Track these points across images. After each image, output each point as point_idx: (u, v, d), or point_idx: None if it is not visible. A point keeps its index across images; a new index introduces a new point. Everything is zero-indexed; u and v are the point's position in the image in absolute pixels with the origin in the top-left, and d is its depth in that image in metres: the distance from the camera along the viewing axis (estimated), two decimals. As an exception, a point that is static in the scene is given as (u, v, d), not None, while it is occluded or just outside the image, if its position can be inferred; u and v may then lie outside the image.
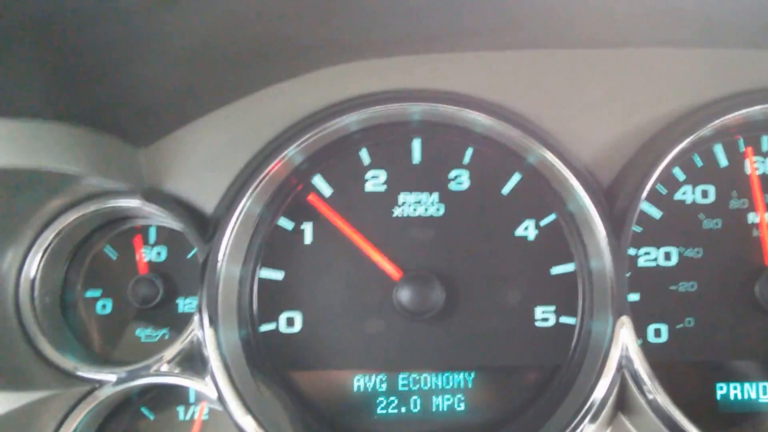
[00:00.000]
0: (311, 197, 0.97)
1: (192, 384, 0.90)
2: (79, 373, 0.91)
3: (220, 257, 0.92)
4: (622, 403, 0.93)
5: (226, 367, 0.90)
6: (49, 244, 0.93)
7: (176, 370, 0.90)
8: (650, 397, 0.88)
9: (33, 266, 0.93)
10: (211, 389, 0.90)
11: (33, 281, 0.93)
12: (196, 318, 0.91)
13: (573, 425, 0.88)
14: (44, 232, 0.93)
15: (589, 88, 0.96)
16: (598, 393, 0.89)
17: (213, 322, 0.90)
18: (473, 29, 0.91)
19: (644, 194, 0.92)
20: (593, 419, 0.89)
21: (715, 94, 0.96)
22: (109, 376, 0.91)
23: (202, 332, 0.90)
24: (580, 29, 0.91)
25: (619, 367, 0.89)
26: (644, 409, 0.89)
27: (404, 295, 0.93)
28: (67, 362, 0.91)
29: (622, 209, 0.92)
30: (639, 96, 0.96)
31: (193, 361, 0.91)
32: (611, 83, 0.96)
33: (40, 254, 0.93)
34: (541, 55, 0.96)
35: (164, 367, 0.90)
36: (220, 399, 0.89)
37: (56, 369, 0.92)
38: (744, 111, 0.94)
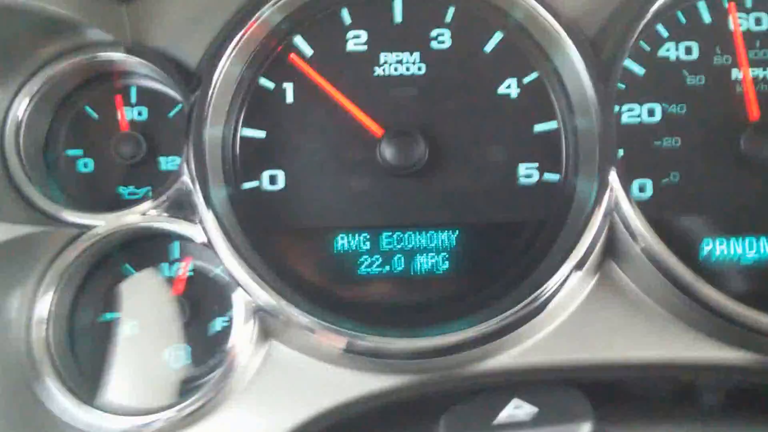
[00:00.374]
0: (292, 57, 0.97)
1: (180, 228, 0.90)
2: (67, 218, 0.91)
3: (204, 110, 0.92)
4: (612, 251, 0.93)
5: (216, 213, 0.90)
6: (37, 91, 0.94)
7: (165, 215, 0.91)
8: (642, 244, 0.88)
9: (20, 110, 0.94)
10: (199, 233, 0.90)
11: (19, 125, 0.94)
12: (182, 168, 0.91)
13: (559, 272, 0.88)
14: (32, 79, 0.93)
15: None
16: (585, 240, 0.88)
17: (200, 171, 0.91)
18: None
19: (628, 49, 0.92)
20: (579, 266, 0.89)
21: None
22: (97, 221, 0.91)
23: (189, 180, 0.90)
24: None
25: (607, 214, 0.89)
26: (635, 255, 0.89)
27: (387, 150, 0.93)
28: (54, 207, 0.91)
29: (608, 63, 0.92)
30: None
31: (180, 209, 0.92)
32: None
33: (27, 100, 0.94)
34: None
35: (153, 212, 0.91)
36: (208, 243, 0.90)
37: (44, 214, 0.92)
38: None
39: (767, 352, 0.90)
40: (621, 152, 0.95)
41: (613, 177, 0.89)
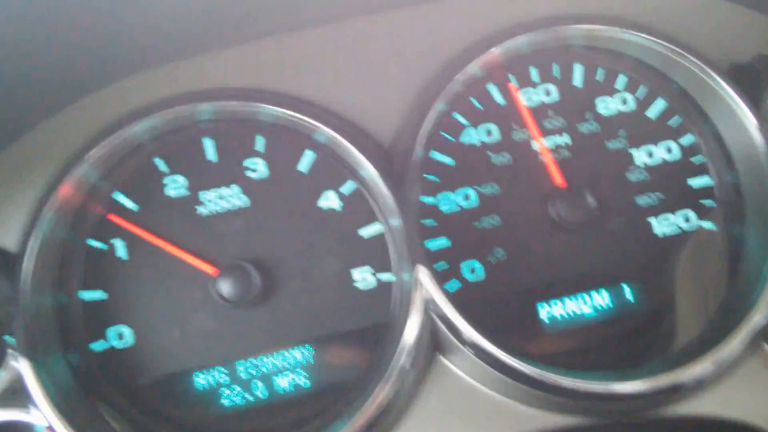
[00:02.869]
0: (113, 215, 0.99)
1: (18, 417, 0.91)
2: None
3: (26, 289, 0.93)
4: (441, 346, 0.97)
5: (53, 395, 0.91)
6: None
7: (4, 405, 0.92)
8: (464, 336, 0.92)
9: None
10: (40, 418, 0.91)
11: None
12: (11, 351, 0.92)
13: (393, 373, 0.91)
14: None
15: (357, 57, 1.01)
16: (407, 340, 0.92)
17: (30, 352, 0.92)
18: (234, 23, 0.96)
19: (420, 144, 0.97)
20: (411, 365, 0.92)
21: (476, 36, 1.01)
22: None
23: (19, 365, 0.91)
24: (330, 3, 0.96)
25: (426, 313, 0.93)
26: (461, 349, 0.93)
27: (222, 287, 0.96)
28: None
29: (403, 163, 0.97)
30: (405, 54, 1.02)
31: (21, 393, 0.92)
32: (376, 48, 1.02)
33: None
34: (303, 36, 1.01)
35: (-8, 403, 0.92)
36: (51, 427, 0.91)
37: None
38: (506, 45, 0.99)
39: (599, 414, 0.95)
40: (447, 241, 1.00)
41: (422, 274, 0.93)
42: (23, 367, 0.90)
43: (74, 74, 0.96)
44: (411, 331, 0.91)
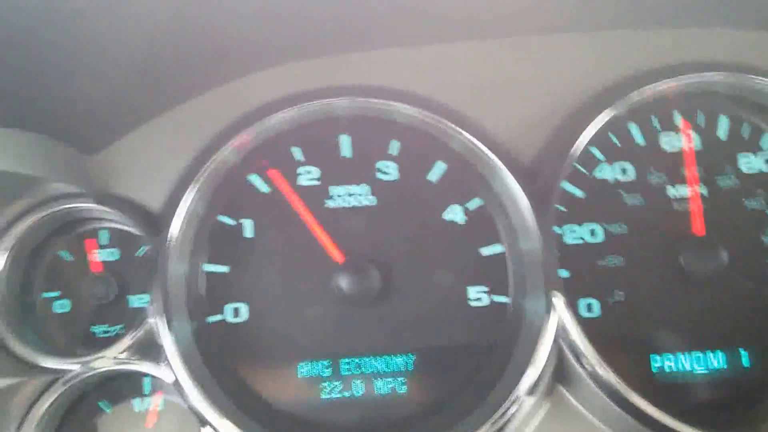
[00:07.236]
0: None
1: (149, 369, 0.96)
2: (44, 364, 0.97)
3: (168, 252, 0.98)
4: (562, 376, 0.95)
5: (181, 353, 0.95)
6: (12, 247, 1.01)
7: (134, 358, 0.97)
8: (589, 368, 0.91)
9: (-2, 267, 1.02)
10: (168, 374, 0.95)
11: (-1, 280, 1.01)
12: (150, 308, 0.97)
13: (511, 398, 0.91)
14: (5, 236, 1.00)
15: (504, 74, 1.03)
16: (536, 365, 0.92)
17: (166, 311, 0.97)
18: (389, 26, 0.99)
19: (562, 175, 0.97)
20: (531, 391, 0.92)
21: (625, 74, 1.01)
22: (72, 365, 0.97)
23: (156, 321, 0.96)
24: (488, 19, 0.98)
25: (555, 340, 0.93)
26: (584, 379, 0.92)
27: (343, 282, 0.98)
28: (31, 354, 0.97)
29: (545, 188, 0.97)
30: (552, 79, 1.03)
31: (149, 350, 0.97)
32: (524, 69, 1.03)
33: (4, 255, 1.01)
34: (455, 47, 1.04)
35: (123, 355, 0.97)
36: (176, 383, 0.95)
37: (21, 361, 0.98)
38: (652, 87, 0.99)
39: None
40: (566, 273, 0.99)
41: (558, 299, 0.93)
42: (159, 324, 0.95)
43: (225, 56, 1.00)
44: (541, 357, 0.91)
